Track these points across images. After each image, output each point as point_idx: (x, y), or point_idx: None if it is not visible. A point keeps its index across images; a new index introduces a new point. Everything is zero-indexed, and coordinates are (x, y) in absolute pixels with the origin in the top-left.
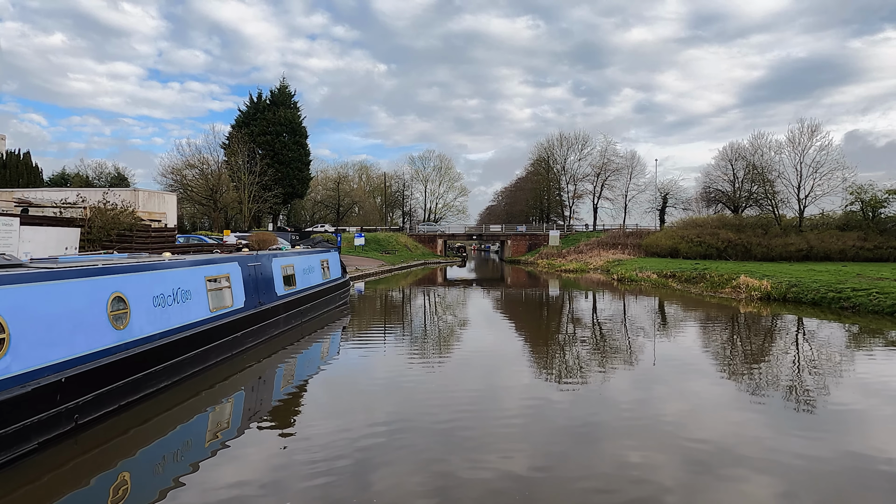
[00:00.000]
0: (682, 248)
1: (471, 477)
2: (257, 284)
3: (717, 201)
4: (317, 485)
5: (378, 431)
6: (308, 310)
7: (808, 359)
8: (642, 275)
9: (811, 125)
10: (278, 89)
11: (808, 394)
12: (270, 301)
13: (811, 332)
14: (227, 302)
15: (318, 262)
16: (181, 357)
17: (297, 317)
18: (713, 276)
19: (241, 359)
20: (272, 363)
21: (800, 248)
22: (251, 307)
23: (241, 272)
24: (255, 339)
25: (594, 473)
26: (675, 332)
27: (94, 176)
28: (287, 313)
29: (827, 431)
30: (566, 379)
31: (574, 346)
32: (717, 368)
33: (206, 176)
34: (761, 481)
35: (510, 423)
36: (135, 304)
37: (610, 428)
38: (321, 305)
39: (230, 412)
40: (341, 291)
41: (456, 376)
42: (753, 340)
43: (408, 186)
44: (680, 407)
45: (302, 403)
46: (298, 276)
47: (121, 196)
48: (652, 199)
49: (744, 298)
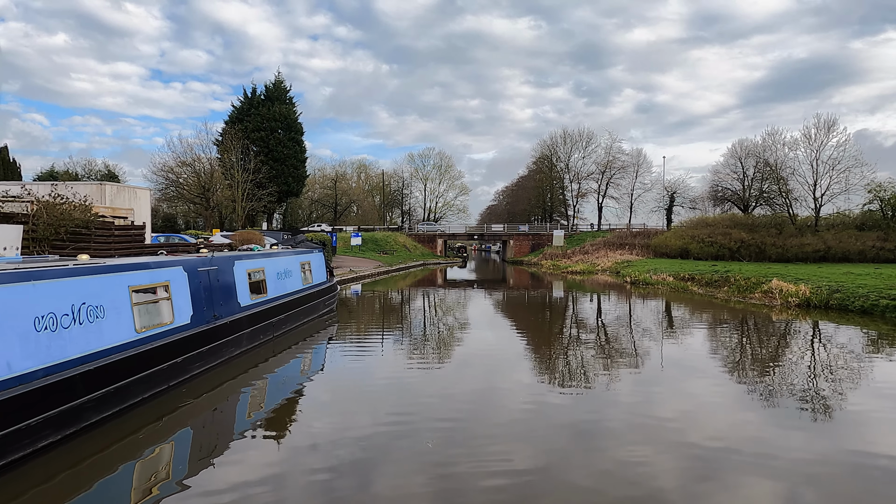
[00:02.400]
0: (692, 249)
1: None
2: (212, 293)
3: (727, 200)
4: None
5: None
6: (283, 321)
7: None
8: (657, 277)
9: (828, 120)
10: (273, 84)
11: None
12: (230, 313)
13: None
14: (165, 318)
15: (298, 265)
16: (80, 400)
17: (267, 330)
18: (738, 280)
19: (181, 392)
20: (228, 392)
21: (817, 248)
22: (201, 323)
23: (186, 279)
24: (207, 362)
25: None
26: (721, 349)
27: (84, 173)
28: (254, 327)
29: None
30: (611, 408)
31: (608, 364)
32: (795, 399)
33: (199, 174)
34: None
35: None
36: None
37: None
38: (301, 315)
39: (161, 466)
40: (326, 298)
41: (478, 411)
42: (835, 365)
43: (407, 185)
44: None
45: (265, 445)
46: (271, 281)
47: (77, 190)
48: (658, 197)
49: (779, 305)
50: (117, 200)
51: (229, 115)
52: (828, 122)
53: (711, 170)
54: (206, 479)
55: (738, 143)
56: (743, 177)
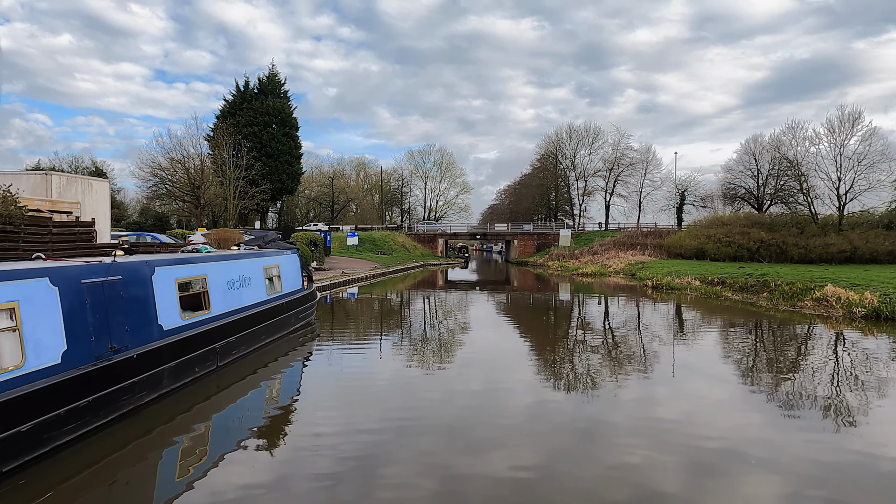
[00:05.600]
0: (709, 249)
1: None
2: (107, 316)
3: (741, 198)
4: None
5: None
6: (235, 344)
7: None
8: (681, 281)
9: (852, 113)
10: (267, 77)
11: None
12: (143, 342)
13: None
14: (12, 359)
15: (260, 270)
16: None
17: (207, 359)
18: (781, 285)
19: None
20: (121, 464)
21: (842, 248)
22: (82, 360)
23: (55, 297)
24: (89, 420)
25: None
26: (821, 384)
27: (70, 170)
28: (183, 358)
29: None
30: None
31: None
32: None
33: (188, 170)
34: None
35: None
36: None
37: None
38: (263, 333)
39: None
40: (300, 309)
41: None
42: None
43: (407, 183)
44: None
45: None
46: (217, 292)
47: (14, 181)
48: (669, 195)
49: (840, 316)
50: (67, 193)
51: (221, 110)
52: (852, 114)
53: (724, 167)
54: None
55: (751, 140)
56: (757, 174)
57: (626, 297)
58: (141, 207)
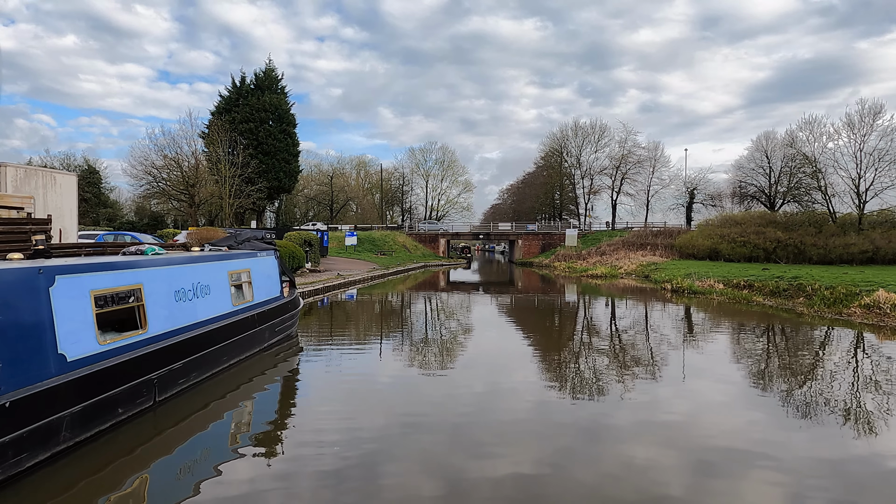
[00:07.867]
0: (723, 249)
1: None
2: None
3: (752, 197)
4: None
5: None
6: (184, 370)
7: None
8: (702, 284)
9: (873, 106)
10: (263, 72)
11: None
12: (24, 382)
13: None
14: None
15: (224, 275)
16: None
17: (139, 394)
18: (820, 290)
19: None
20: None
21: (863, 249)
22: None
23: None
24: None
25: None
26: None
27: (61, 167)
28: (99, 397)
29: None
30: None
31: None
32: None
33: (182, 168)
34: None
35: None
36: None
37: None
38: (225, 353)
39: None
40: (278, 321)
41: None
42: None
43: (408, 182)
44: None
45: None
46: (158, 305)
47: None
48: (677, 194)
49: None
50: (25, 187)
51: (216, 106)
52: (873, 108)
53: (734, 165)
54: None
55: (763, 136)
56: (769, 172)
57: (640, 300)
58: (136, 207)
